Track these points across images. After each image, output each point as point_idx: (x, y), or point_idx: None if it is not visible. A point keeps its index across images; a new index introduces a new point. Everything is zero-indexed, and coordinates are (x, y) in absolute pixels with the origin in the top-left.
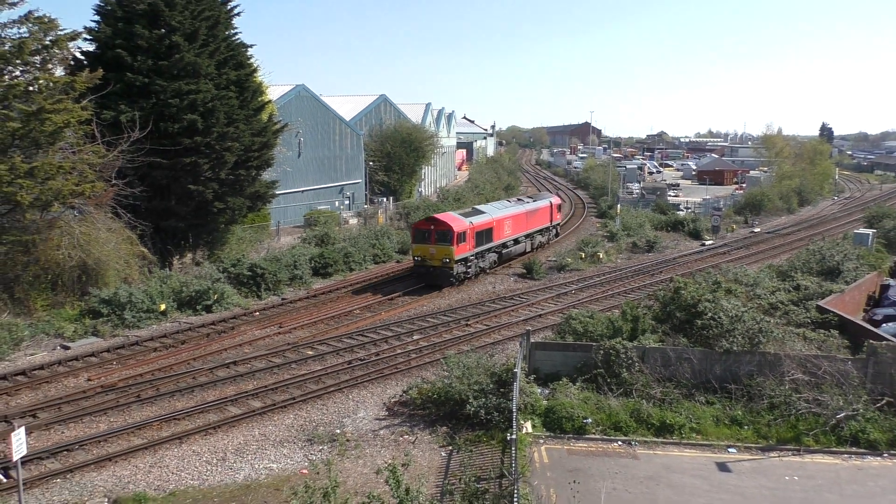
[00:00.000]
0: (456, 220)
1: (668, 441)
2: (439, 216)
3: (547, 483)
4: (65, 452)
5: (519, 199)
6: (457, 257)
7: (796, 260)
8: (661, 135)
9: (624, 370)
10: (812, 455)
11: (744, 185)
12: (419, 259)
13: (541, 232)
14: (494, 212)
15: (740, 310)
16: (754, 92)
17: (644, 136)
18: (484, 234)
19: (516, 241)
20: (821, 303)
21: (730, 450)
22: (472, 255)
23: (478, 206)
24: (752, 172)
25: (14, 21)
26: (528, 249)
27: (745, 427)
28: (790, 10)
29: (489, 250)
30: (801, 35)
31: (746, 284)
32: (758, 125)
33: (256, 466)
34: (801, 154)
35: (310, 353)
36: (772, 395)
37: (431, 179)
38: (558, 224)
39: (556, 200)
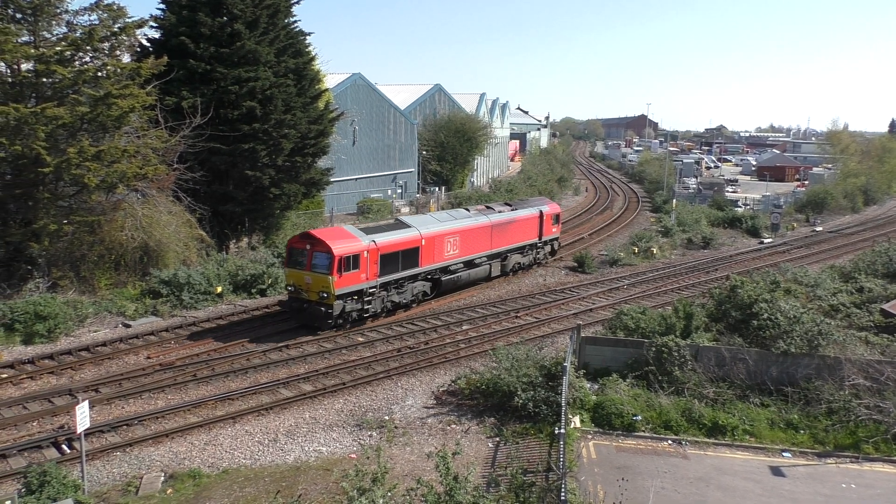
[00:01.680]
0: (344, 237)
1: (720, 442)
2: (318, 232)
3: (594, 479)
4: (124, 427)
5: (488, 207)
6: (338, 291)
7: (860, 261)
8: (719, 129)
9: (676, 368)
10: (871, 463)
11: (806, 182)
12: (292, 289)
13: (521, 250)
14: (428, 225)
15: (799, 311)
16: (820, 86)
17: (702, 130)
18: (401, 257)
19: (471, 264)
20: (885, 306)
21: (784, 454)
22: (372, 287)
23: (402, 218)
24: (815, 169)
25: (85, 9)
26: (497, 273)
27: (802, 431)
28: (860, 2)
29: (413, 278)
30: (870, 28)
31: (806, 285)
32: (823, 120)
33: (306, 449)
34: (869, 151)
35: (360, 339)
36: (830, 400)
37: (484, 170)
38: (555, 239)
39: (550, 209)
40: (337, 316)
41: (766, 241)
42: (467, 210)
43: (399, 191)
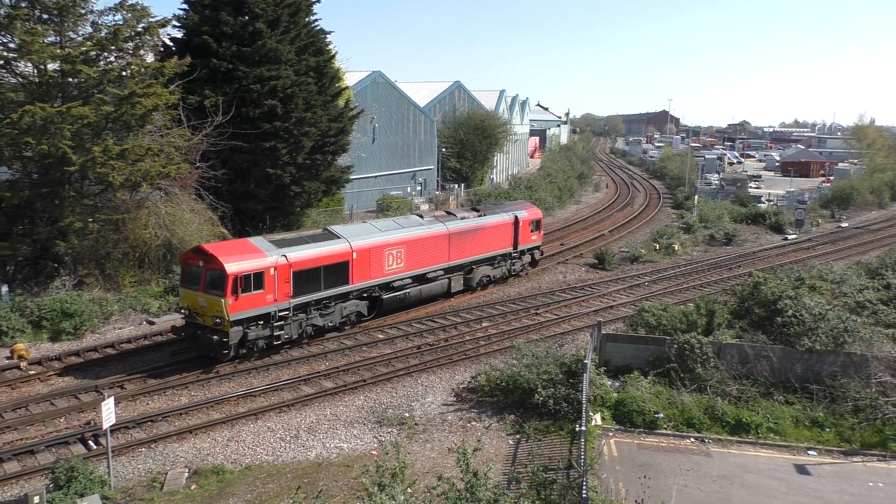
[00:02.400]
0: (243, 251)
1: (744, 440)
2: (212, 246)
3: (616, 477)
4: (149, 423)
5: (448, 213)
6: (235, 315)
7: (887, 257)
8: (742, 124)
9: (698, 365)
10: None
11: (831, 177)
12: (186, 312)
13: (491, 261)
14: (363, 236)
15: (824, 308)
16: (845, 80)
17: (725, 126)
18: (325, 273)
19: (422, 279)
20: None
21: (810, 452)
22: (284, 310)
23: (333, 228)
24: (840, 165)
25: (110, 9)
26: (459, 288)
27: (827, 429)
28: None
29: (342, 297)
30: None
31: (832, 281)
32: (849, 115)
33: (328, 445)
34: None
35: (380, 336)
36: (857, 398)
37: (503, 167)
38: (535, 247)
39: (529, 214)
40: (236, 345)
41: (790, 237)
42: (420, 217)
43: (418, 188)
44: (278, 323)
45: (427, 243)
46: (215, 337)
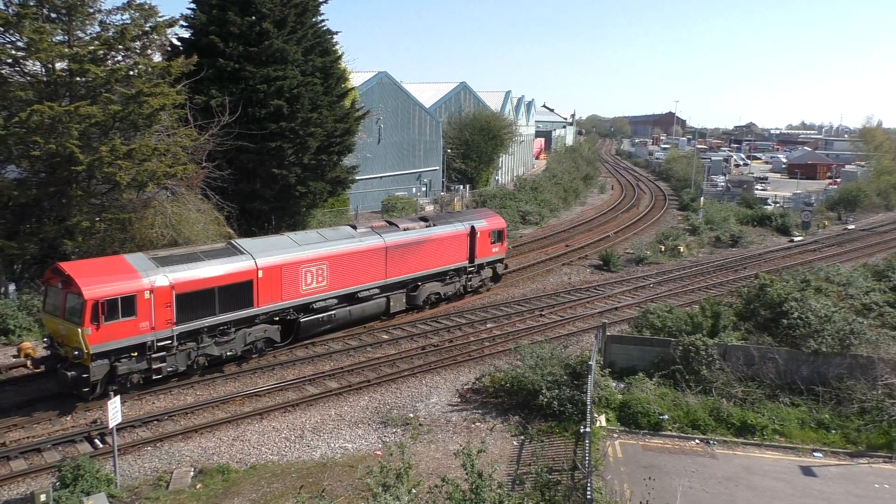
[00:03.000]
0: (110, 271)
1: (749, 442)
2: (71, 266)
3: (621, 478)
4: (155, 422)
5: (390, 224)
6: (97, 347)
7: (894, 259)
8: (749, 126)
9: (703, 367)
10: None
11: (838, 179)
12: (47, 341)
13: (441, 277)
14: (273, 251)
15: (830, 310)
16: (852, 83)
17: (731, 128)
18: (220, 295)
19: (352, 298)
20: None
21: (815, 454)
22: (165, 339)
23: (239, 242)
24: (847, 167)
25: (117, 8)
26: (401, 307)
27: (833, 431)
28: None
29: (246, 322)
30: None
31: (838, 284)
32: (856, 118)
33: (332, 445)
34: None
35: (385, 336)
36: (863, 400)
37: (509, 168)
38: (496, 261)
39: (489, 223)
40: (103, 380)
41: (796, 239)
42: (353, 228)
43: (424, 189)
44: (158, 354)
45: (357, 258)
46: (71, 373)
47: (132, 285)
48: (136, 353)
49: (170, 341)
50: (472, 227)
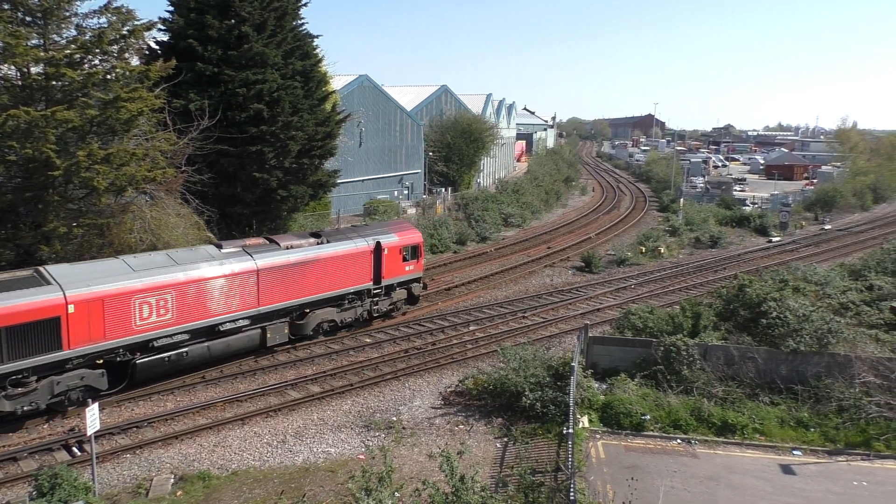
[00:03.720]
0: None
1: (730, 441)
2: None
3: (603, 479)
4: (134, 429)
5: (270, 241)
6: None
7: (870, 259)
8: (727, 128)
9: (685, 367)
10: (883, 461)
11: (815, 180)
12: None
13: (338, 302)
14: (94, 279)
15: (808, 309)
16: (828, 84)
17: (710, 129)
18: (6, 337)
19: (211, 332)
20: (895, 303)
21: (795, 452)
22: None
23: (49, 268)
24: (823, 168)
25: (94, 11)
26: (281, 339)
27: (812, 429)
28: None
29: (53, 369)
30: (878, 26)
31: (816, 283)
32: (831, 119)
33: (315, 450)
34: (878, 149)
35: (367, 340)
36: (841, 398)
37: (490, 170)
38: (412, 280)
39: (400, 238)
40: None
41: (774, 239)
42: (217, 248)
43: (406, 192)
44: None
45: (216, 285)
46: None
47: None
48: None
49: None
50: (378, 244)
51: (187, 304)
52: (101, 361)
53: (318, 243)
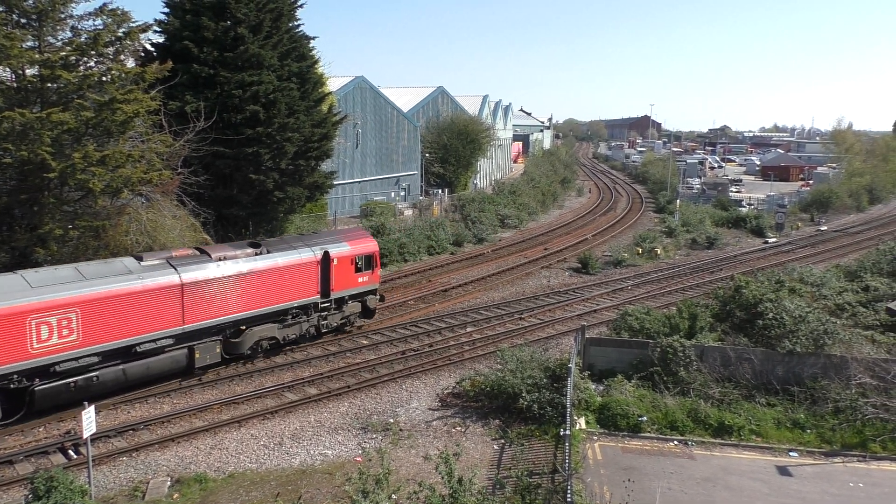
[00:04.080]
0: None
1: (727, 442)
2: None
3: (600, 480)
4: (130, 431)
5: (201, 252)
6: None
7: (866, 260)
8: (723, 129)
9: (681, 369)
10: (879, 462)
11: (810, 181)
12: None
13: (280, 317)
14: None
15: (804, 310)
16: (823, 85)
17: (706, 131)
18: None
19: (127, 354)
20: (891, 305)
21: (791, 453)
22: None
23: None
24: (819, 169)
25: (90, 13)
26: (212, 360)
27: (808, 431)
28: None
29: None
30: (875, 27)
31: (812, 284)
32: (827, 120)
33: (312, 452)
34: (873, 150)
35: (364, 341)
36: (837, 399)
37: (487, 172)
38: (366, 293)
39: (353, 248)
40: None
41: (770, 240)
42: (137, 260)
43: (402, 193)
44: None
45: (131, 301)
46: None
47: None
48: None
49: None
50: (326, 253)
51: (96, 324)
52: None
53: (256, 254)
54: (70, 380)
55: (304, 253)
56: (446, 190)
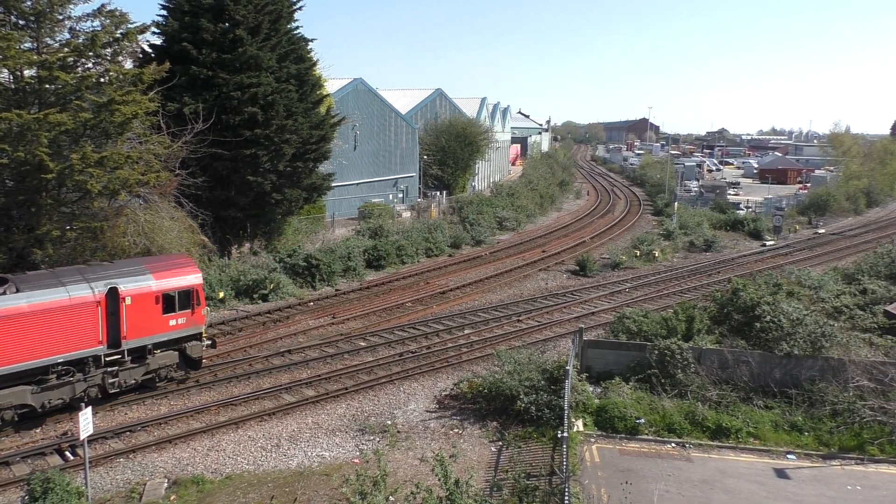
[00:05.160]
0: None
1: (724, 445)
2: None
3: (598, 482)
4: (127, 433)
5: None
6: None
7: (863, 263)
8: (721, 132)
9: (679, 371)
10: (877, 465)
11: (808, 184)
12: None
13: (36, 377)
14: None
15: (802, 313)
16: (821, 88)
17: (704, 133)
18: None
19: None
20: (889, 307)
21: (789, 456)
22: None
23: None
24: (817, 172)
25: (87, 15)
26: None
27: (806, 433)
28: (861, 4)
29: None
30: (872, 29)
31: (809, 287)
32: (824, 123)
33: (309, 454)
34: (871, 153)
35: (362, 343)
36: (835, 402)
37: (485, 174)
38: (187, 337)
39: (151, 283)
40: None
41: (768, 243)
42: None
43: (400, 195)
44: None
45: None
46: None
47: None
48: None
49: None
50: (113, 290)
51: None
52: None
53: None
54: None
55: (75, 290)
56: (444, 192)
